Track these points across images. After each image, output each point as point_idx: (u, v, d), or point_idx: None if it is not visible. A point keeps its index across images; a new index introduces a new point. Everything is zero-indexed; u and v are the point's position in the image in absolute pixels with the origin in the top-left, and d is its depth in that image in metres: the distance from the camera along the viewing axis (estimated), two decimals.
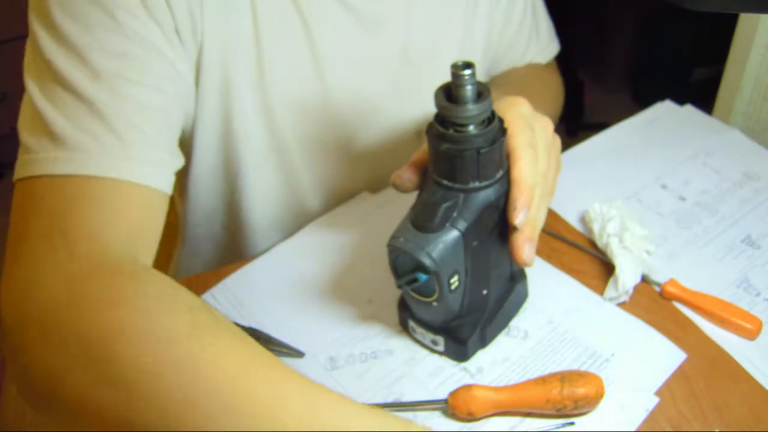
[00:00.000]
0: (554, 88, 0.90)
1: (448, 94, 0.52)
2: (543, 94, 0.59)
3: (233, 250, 0.88)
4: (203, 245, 0.88)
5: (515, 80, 0.87)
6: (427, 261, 0.53)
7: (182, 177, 0.77)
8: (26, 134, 0.54)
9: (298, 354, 0.62)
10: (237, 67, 0.66)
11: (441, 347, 0.61)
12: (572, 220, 0.76)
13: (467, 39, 0.79)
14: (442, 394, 0.58)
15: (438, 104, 0.52)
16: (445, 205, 0.53)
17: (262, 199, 0.79)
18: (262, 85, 0.69)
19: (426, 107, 0.57)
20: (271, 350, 0.60)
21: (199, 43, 0.62)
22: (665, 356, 0.61)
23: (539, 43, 0.89)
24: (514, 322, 0.65)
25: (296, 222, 0.82)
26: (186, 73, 0.61)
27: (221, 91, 0.67)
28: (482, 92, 0.52)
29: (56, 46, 0.54)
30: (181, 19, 0.59)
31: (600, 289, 0.67)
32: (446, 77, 0.52)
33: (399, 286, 0.56)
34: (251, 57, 0.67)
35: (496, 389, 0.57)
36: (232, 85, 0.67)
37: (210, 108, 0.68)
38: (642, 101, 1.27)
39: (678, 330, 0.64)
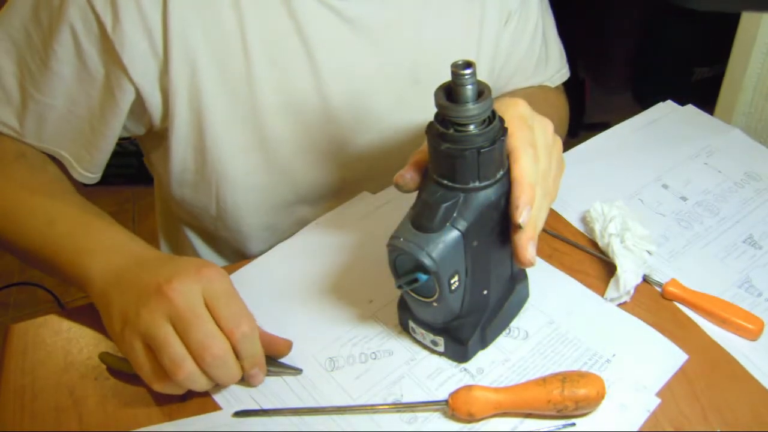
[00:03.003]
0: (560, 110, 0.90)
1: (449, 93, 0.52)
2: (547, 112, 0.60)
3: (232, 251, 0.88)
4: (201, 247, 0.88)
5: (521, 96, 0.87)
6: (427, 261, 0.52)
7: (166, 176, 0.78)
8: None
9: (296, 371, 0.61)
10: (213, 76, 0.69)
11: (441, 348, 0.61)
12: (573, 219, 0.76)
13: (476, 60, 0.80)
14: (443, 395, 0.58)
15: (438, 103, 0.52)
16: (445, 205, 0.53)
17: (253, 201, 0.79)
18: (249, 90, 0.70)
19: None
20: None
21: (161, 60, 0.67)
22: (666, 357, 0.61)
23: (548, 69, 0.89)
24: (515, 323, 0.64)
25: (293, 224, 0.82)
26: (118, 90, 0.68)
27: (191, 101, 0.70)
28: (483, 91, 0.51)
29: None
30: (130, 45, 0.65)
31: (601, 290, 0.67)
32: None
33: (399, 287, 0.56)
34: (237, 65, 0.69)
35: (496, 390, 0.57)
36: (203, 93, 0.69)
37: (181, 115, 0.70)
38: (643, 101, 1.27)
39: (679, 330, 0.63)
